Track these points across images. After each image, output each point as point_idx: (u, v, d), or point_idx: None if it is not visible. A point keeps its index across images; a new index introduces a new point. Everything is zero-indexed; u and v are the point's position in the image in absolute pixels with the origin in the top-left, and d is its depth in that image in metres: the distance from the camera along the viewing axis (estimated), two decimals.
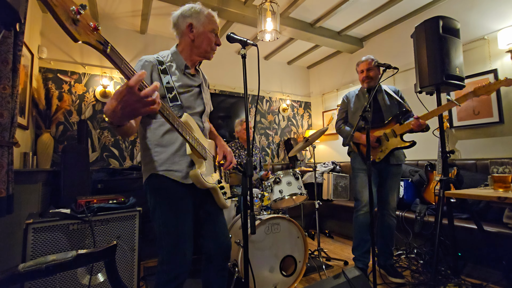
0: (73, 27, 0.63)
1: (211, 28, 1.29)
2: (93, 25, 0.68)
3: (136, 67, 1.21)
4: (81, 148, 2.66)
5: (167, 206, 1.19)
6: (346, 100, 2.42)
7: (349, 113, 2.39)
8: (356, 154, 2.30)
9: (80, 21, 0.64)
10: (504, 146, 2.59)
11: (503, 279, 1.87)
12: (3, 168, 1.40)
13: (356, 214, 2.21)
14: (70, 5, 0.62)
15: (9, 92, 1.41)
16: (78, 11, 0.63)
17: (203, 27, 1.27)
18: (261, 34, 2.72)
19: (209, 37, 1.29)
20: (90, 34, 0.68)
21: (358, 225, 2.19)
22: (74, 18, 0.63)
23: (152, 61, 1.22)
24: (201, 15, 1.27)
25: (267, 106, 4.64)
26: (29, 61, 2.51)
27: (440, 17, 1.99)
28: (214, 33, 1.31)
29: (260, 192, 2.44)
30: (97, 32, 0.69)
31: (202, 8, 1.29)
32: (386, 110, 2.23)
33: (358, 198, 2.22)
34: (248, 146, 1.14)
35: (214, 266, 1.33)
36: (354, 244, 2.24)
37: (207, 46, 1.30)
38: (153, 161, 1.22)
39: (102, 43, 0.71)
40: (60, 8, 0.60)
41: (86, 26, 0.67)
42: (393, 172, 2.21)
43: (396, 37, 3.61)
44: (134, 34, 3.61)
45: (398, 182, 2.26)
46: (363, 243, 2.17)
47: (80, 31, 0.65)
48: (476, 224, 1.84)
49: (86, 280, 1.58)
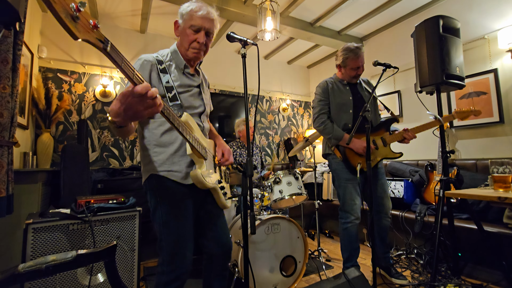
0: (73, 25, 0.62)
1: (190, 24, 1.21)
2: (93, 23, 0.68)
3: (134, 66, 1.20)
4: (81, 148, 2.66)
5: (167, 207, 1.19)
6: (326, 89, 2.08)
7: (331, 107, 2.08)
8: (339, 161, 2.05)
9: (79, 18, 0.63)
10: (504, 146, 2.58)
11: (503, 280, 1.87)
12: (3, 168, 1.40)
13: (346, 226, 2.02)
14: (69, 2, 0.61)
15: (9, 92, 1.41)
16: (78, 8, 0.62)
17: (184, 23, 1.23)
18: (261, 34, 2.71)
19: (187, 34, 1.22)
20: (90, 32, 0.67)
21: (348, 236, 2.02)
22: (73, 16, 0.62)
23: (151, 60, 1.21)
24: (185, 11, 1.23)
25: (267, 105, 4.64)
26: (29, 60, 2.51)
27: (440, 16, 1.99)
28: (193, 29, 1.22)
29: (260, 192, 2.44)
30: (97, 30, 0.69)
31: (192, 3, 1.23)
32: (372, 110, 2.08)
33: (347, 210, 2.01)
34: (248, 145, 1.14)
35: (215, 266, 1.33)
36: (345, 256, 2.05)
37: (186, 44, 1.24)
38: (152, 161, 1.22)
39: (102, 41, 0.70)
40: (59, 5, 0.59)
41: (85, 24, 0.66)
42: (380, 173, 2.11)
43: (396, 37, 3.61)
44: (134, 34, 3.60)
45: (386, 181, 2.14)
46: (354, 251, 2.04)
47: (79, 29, 0.64)
48: (476, 224, 1.84)
49: (86, 280, 1.58)
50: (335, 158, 2.09)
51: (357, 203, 2.02)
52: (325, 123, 2.04)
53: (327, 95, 2.08)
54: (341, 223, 2.08)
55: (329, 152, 2.13)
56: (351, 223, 2.01)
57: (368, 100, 1.71)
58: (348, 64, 2.04)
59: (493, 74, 2.65)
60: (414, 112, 3.34)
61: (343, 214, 2.06)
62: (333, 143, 2.03)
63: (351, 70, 2.05)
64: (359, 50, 2.01)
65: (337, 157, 2.06)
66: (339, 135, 1.99)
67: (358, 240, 2.06)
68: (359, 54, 2.01)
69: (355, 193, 2.02)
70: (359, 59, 2.03)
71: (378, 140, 2.03)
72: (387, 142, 2.02)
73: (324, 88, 2.10)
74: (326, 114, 2.06)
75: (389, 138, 2.01)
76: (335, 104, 2.06)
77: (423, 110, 2.19)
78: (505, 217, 2.08)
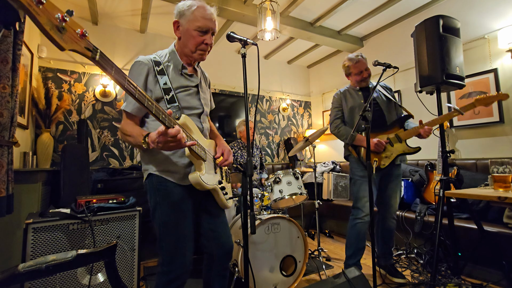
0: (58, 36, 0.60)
1: (196, 26, 1.19)
2: (81, 32, 0.66)
3: (131, 70, 1.19)
4: (81, 147, 2.66)
5: (167, 207, 1.19)
6: (340, 97, 2.25)
7: (345, 112, 2.23)
8: (355, 159, 2.16)
9: (66, 29, 0.62)
10: (504, 146, 2.58)
11: (503, 279, 1.87)
12: (3, 168, 1.40)
13: (355, 221, 2.08)
14: (54, 12, 0.59)
15: (9, 92, 1.41)
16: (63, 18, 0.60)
17: (188, 24, 1.20)
18: (261, 33, 2.71)
19: (193, 36, 1.20)
20: (77, 41, 0.66)
21: (355, 233, 2.07)
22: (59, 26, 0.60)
23: (147, 63, 1.19)
24: (188, 12, 1.20)
25: (267, 105, 4.64)
26: (29, 60, 2.51)
27: (440, 16, 1.98)
28: (201, 31, 1.20)
29: (260, 192, 2.44)
30: (85, 38, 0.67)
31: (193, 3, 1.20)
32: (385, 109, 2.15)
33: (358, 207, 2.09)
34: (248, 145, 1.14)
35: (216, 266, 1.32)
36: (348, 253, 2.11)
37: (192, 46, 1.22)
38: (151, 161, 1.22)
39: (90, 49, 0.69)
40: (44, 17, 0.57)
41: (72, 33, 0.64)
42: (395, 174, 2.15)
43: (396, 36, 3.61)
44: (134, 33, 3.60)
45: (399, 184, 2.19)
46: (358, 251, 2.07)
47: (66, 39, 0.62)
48: (476, 224, 1.84)
49: (86, 280, 1.58)
50: (352, 157, 2.20)
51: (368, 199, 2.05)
52: (339, 127, 2.20)
53: (340, 102, 2.25)
54: (351, 219, 2.13)
55: (348, 153, 2.23)
56: (361, 220, 2.06)
57: (367, 101, 1.72)
58: (351, 71, 2.19)
59: (493, 74, 2.65)
60: (414, 112, 3.29)
61: (354, 211, 2.12)
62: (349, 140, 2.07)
63: (355, 75, 2.18)
64: (357, 57, 2.15)
65: (354, 156, 2.16)
66: (348, 133, 2.11)
67: (365, 241, 2.08)
68: (357, 60, 2.14)
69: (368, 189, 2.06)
70: (359, 64, 2.14)
71: (393, 137, 2.07)
72: (401, 138, 2.04)
73: (337, 97, 2.28)
74: (340, 119, 2.23)
75: (403, 134, 2.04)
76: (348, 109, 2.20)
77: (423, 110, 2.19)
78: (505, 217, 2.08)
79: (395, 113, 2.22)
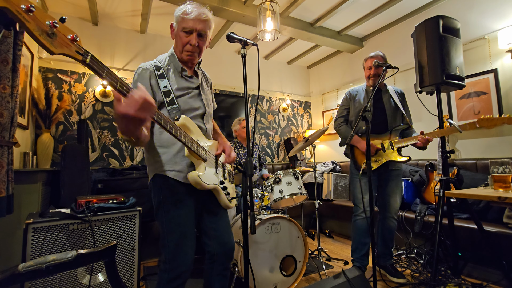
0: (48, 41, 0.63)
1: (181, 27, 1.22)
2: (71, 37, 0.69)
3: (135, 77, 1.24)
4: (81, 148, 2.66)
5: (170, 206, 1.20)
6: (349, 97, 2.31)
7: (352, 111, 2.28)
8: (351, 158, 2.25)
9: (56, 34, 0.64)
10: (504, 146, 2.58)
11: (503, 279, 1.87)
12: (3, 168, 1.40)
13: (354, 218, 2.20)
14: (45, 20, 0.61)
15: (9, 92, 1.41)
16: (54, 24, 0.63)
17: (177, 26, 1.25)
18: (261, 34, 2.72)
19: (180, 37, 1.23)
20: (68, 45, 0.68)
21: (356, 228, 2.19)
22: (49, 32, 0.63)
23: (149, 68, 1.23)
24: (177, 13, 1.24)
25: (267, 106, 4.64)
26: (29, 60, 2.51)
27: (440, 16, 1.99)
28: (185, 31, 1.22)
29: (260, 192, 2.44)
30: (76, 43, 0.70)
31: (185, 6, 1.23)
32: (390, 114, 2.16)
33: (356, 204, 2.20)
34: (248, 145, 1.14)
35: (217, 265, 1.33)
36: (353, 247, 2.23)
37: (180, 47, 1.25)
38: (156, 161, 1.24)
39: (81, 53, 0.71)
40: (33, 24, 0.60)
41: (63, 38, 0.67)
42: (393, 174, 2.17)
43: (396, 37, 3.61)
44: (134, 34, 3.60)
45: (399, 184, 2.21)
46: (362, 246, 2.16)
47: (56, 44, 0.65)
48: (476, 224, 1.84)
49: (86, 280, 1.58)
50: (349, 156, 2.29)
51: (366, 197, 2.11)
52: (340, 125, 2.32)
53: (348, 101, 2.33)
54: (352, 216, 2.24)
55: (347, 152, 2.31)
56: (359, 216, 2.17)
57: (367, 101, 1.72)
58: (364, 65, 2.28)
59: (493, 74, 2.65)
60: (414, 112, 3.30)
61: (354, 208, 2.23)
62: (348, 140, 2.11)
63: (365, 71, 2.26)
64: (376, 52, 2.22)
65: (350, 154, 2.26)
66: (347, 133, 2.24)
67: (367, 237, 2.14)
68: (372, 56, 2.21)
69: (364, 188, 2.14)
70: (368, 60, 2.21)
71: (387, 143, 2.12)
72: (394, 146, 2.10)
73: (346, 96, 2.36)
74: (343, 117, 2.34)
75: (398, 142, 2.09)
76: (354, 109, 2.27)
77: (423, 110, 2.20)
78: (505, 217, 2.08)
79: (400, 121, 2.22)
